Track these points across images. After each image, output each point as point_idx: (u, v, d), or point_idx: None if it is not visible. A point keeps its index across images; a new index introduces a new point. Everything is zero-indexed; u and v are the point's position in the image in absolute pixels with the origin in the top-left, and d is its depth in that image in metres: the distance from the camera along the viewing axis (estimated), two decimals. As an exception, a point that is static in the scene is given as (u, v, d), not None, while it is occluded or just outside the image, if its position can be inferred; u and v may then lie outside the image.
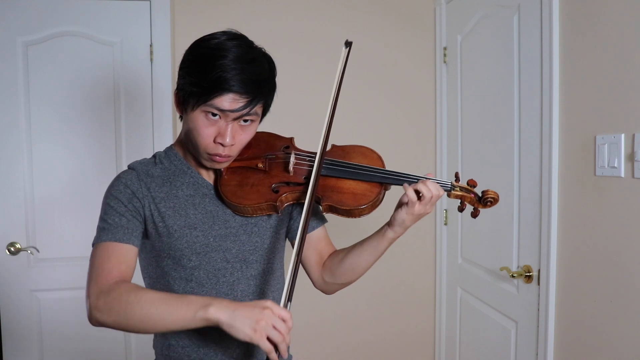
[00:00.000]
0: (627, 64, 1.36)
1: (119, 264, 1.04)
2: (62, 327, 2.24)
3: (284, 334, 0.90)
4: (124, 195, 1.10)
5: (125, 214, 1.08)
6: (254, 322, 0.89)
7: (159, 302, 0.94)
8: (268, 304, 0.91)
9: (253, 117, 1.07)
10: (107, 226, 1.07)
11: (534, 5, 1.71)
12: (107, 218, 1.09)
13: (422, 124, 2.50)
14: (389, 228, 1.14)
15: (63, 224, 2.22)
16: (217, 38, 1.05)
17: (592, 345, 1.51)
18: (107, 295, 0.97)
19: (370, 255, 1.18)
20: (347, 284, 1.25)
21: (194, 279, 1.12)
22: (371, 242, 1.17)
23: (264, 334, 0.89)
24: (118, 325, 0.97)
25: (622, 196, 1.38)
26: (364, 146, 1.21)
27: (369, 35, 2.41)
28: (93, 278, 1.02)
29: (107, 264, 1.03)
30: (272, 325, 0.89)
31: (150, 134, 2.28)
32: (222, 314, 0.90)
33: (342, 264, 1.21)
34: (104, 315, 0.96)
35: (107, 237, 1.06)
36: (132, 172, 1.14)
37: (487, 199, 1.13)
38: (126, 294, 0.96)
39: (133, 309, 0.94)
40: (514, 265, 1.87)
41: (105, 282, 1.00)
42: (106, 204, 1.11)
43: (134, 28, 2.25)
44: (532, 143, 1.75)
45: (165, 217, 1.11)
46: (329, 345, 2.47)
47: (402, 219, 1.10)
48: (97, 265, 1.04)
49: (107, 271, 1.02)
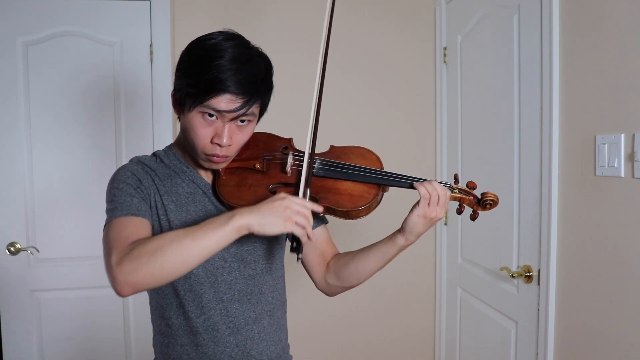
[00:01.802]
0: (627, 64, 1.35)
1: (136, 233, 0.99)
2: (62, 327, 2.24)
3: (308, 216, 0.95)
4: (132, 180, 1.09)
5: (135, 194, 1.07)
6: (281, 212, 0.93)
7: (185, 234, 0.92)
8: (283, 195, 0.96)
9: (250, 117, 1.07)
10: (118, 205, 1.04)
11: (534, 5, 1.71)
12: (117, 199, 1.05)
13: (422, 124, 2.50)
14: (401, 235, 1.13)
15: (63, 224, 2.22)
16: (214, 38, 1.05)
17: (592, 345, 1.51)
18: (130, 255, 0.91)
19: (377, 261, 1.17)
20: (350, 287, 1.24)
21: (192, 276, 1.12)
22: (380, 248, 1.16)
23: (293, 221, 0.93)
24: (151, 277, 0.90)
25: (622, 196, 1.38)
26: (362, 147, 1.20)
27: (369, 35, 2.41)
28: (111, 249, 0.95)
29: (124, 233, 0.98)
30: (297, 211, 0.94)
31: (150, 134, 2.28)
32: (250, 217, 0.92)
33: (347, 267, 1.20)
34: (133, 274, 0.90)
35: (121, 213, 1.02)
36: (137, 163, 1.14)
37: (486, 201, 1.12)
38: (149, 243, 0.92)
39: (163, 252, 0.90)
40: (514, 265, 1.86)
41: (125, 247, 0.94)
42: (114, 188, 1.07)
43: (134, 28, 2.25)
44: (532, 143, 1.75)
45: (168, 210, 1.11)
46: (328, 344, 2.47)
47: (413, 222, 1.09)
48: (112, 237, 0.98)
49: (124, 238, 0.97)
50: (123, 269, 0.90)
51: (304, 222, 0.94)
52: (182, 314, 1.14)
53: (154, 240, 0.93)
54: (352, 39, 2.39)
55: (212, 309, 1.13)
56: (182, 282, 1.12)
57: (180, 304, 1.13)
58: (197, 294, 1.12)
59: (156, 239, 0.93)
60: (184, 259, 0.91)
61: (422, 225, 1.10)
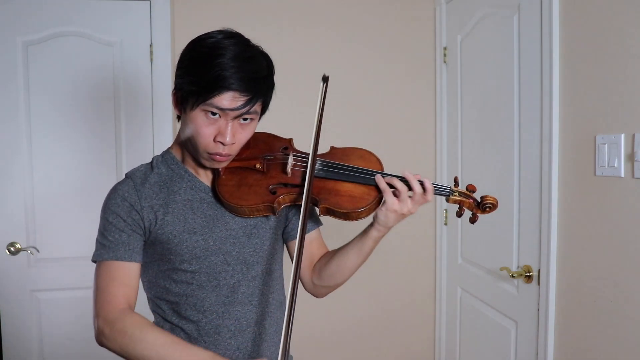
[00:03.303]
0: (627, 64, 1.35)
1: (123, 286, 1.07)
2: (62, 327, 2.24)
3: None
4: (122, 209, 1.09)
5: (125, 229, 1.08)
6: None
7: (160, 347, 0.98)
8: None
9: (252, 115, 1.07)
10: (108, 243, 1.08)
11: (534, 6, 1.71)
12: (107, 235, 1.09)
13: (421, 124, 2.50)
14: (372, 227, 1.13)
15: (63, 224, 2.22)
16: (214, 37, 1.04)
17: (592, 345, 1.51)
18: (112, 325, 1.02)
19: (355, 256, 1.16)
20: (334, 286, 1.24)
21: (195, 281, 1.12)
22: (356, 243, 1.16)
23: None
24: (121, 355, 1.02)
25: (622, 196, 1.38)
26: (363, 149, 1.19)
27: (368, 35, 2.41)
28: (99, 301, 1.06)
29: (112, 288, 1.06)
30: None
31: (150, 134, 2.28)
32: None
33: (328, 266, 1.20)
34: (109, 342, 1.02)
35: (109, 256, 1.08)
36: (129, 182, 1.13)
37: (485, 204, 1.12)
38: (131, 329, 1.01)
39: (135, 347, 0.99)
40: (514, 265, 1.87)
41: (112, 309, 1.04)
42: (105, 219, 1.10)
43: (134, 28, 2.25)
44: (532, 143, 1.75)
45: (165, 223, 1.10)
46: (328, 344, 2.47)
47: (384, 215, 1.09)
48: (101, 287, 1.07)
49: (112, 295, 1.05)
50: (104, 334, 1.03)
51: None
52: (182, 318, 1.13)
53: (135, 331, 1.01)
54: (352, 39, 2.39)
55: (214, 312, 1.13)
56: (183, 287, 1.12)
57: (181, 308, 1.13)
58: (199, 298, 1.12)
59: (137, 330, 1.01)
60: None
61: (394, 220, 1.10)
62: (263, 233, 1.18)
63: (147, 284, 1.18)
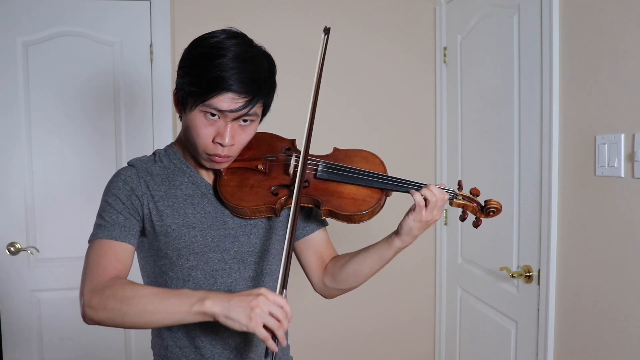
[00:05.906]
0: (627, 64, 1.36)
1: (115, 261, 1.02)
2: (62, 327, 2.24)
3: (281, 320, 0.87)
4: (123, 192, 1.09)
5: (122, 211, 1.08)
6: (249, 309, 0.86)
7: (154, 297, 0.93)
8: (262, 291, 0.89)
9: (253, 117, 1.06)
10: (104, 223, 1.06)
11: (534, 6, 1.71)
12: (104, 215, 1.08)
13: (421, 124, 2.50)
14: (397, 237, 1.12)
15: (63, 224, 2.22)
16: (216, 36, 1.04)
17: (592, 345, 1.51)
18: (101, 292, 0.96)
19: (374, 263, 1.16)
20: (347, 289, 1.23)
21: (191, 279, 1.11)
22: (377, 250, 1.15)
23: (260, 322, 0.86)
24: (112, 322, 0.95)
25: (622, 196, 1.38)
26: (366, 150, 1.19)
27: (368, 35, 2.41)
28: (87, 275, 1.01)
29: (103, 261, 1.02)
30: (268, 311, 0.87)
31: (150, 134, 2.28)
32: (217, 306, 0.88)
33: (345, 269, 1.19)
34: (98, 312, 0.95)
35: (104, 234, 1.05)
36: (132, 169, 1.13)
37: (489, 208, 1.11)
38: (121, 290, 0.95)
39: (128, 304, 0.92)
40: (514, 265, 1.87)
41: (100, 279, 0.98)
42: (104, 201, 1.10)
43: (134, 28, 2.24)
44: (532, 143, 1.75)
45: (164, 215, 1.10)
46: (327, 343, 2.47)
47: (409, 226, 1.09)
48: (92, 262, 1.03)
49: (102, 268, 1.01)
50: (91, 304, 0.95)
51: (274, 325, 0.87)
52: None
53: (127, 289, 0.94)
54: (352, 39, 2.39)
55: None
56: (180, 284, 1.12)
57: None
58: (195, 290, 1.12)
59: (129, 289, 0.94)
60: (144, 321, 0.93)
61: (418, 229, 1.09)
62: (262, 233, 1.18)
63: (146, 283, 1.18)
